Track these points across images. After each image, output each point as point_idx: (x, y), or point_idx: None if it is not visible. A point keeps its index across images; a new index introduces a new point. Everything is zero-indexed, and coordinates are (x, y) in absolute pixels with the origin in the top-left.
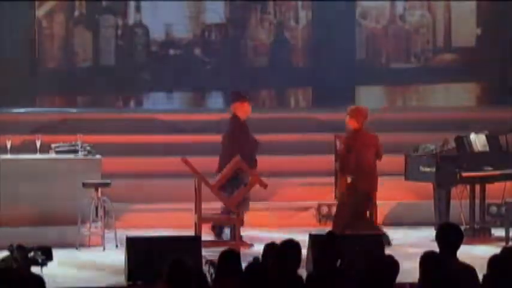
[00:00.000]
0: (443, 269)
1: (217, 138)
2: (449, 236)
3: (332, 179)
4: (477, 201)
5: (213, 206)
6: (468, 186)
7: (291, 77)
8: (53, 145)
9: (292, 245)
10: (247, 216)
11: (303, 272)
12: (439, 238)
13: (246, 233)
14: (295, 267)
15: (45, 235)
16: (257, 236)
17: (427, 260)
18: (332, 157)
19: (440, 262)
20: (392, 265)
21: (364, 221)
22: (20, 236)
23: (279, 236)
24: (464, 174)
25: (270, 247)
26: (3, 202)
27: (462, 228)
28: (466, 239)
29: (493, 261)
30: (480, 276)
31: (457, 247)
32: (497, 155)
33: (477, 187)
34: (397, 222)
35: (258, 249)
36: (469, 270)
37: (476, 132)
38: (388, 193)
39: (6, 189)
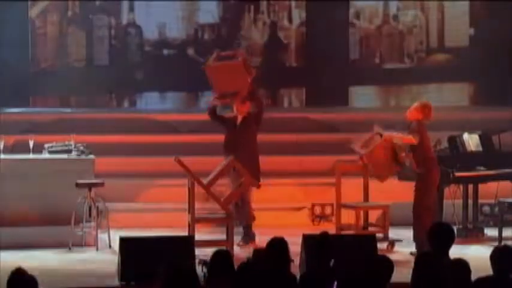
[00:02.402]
0: (435, 268)
1: (211, 138)
2: (441, 235)
3: (325, 179)
4: (470, 201)
5: (206, 206)
6: (461, 186)
7: (284, 77)
8: (46, 145)
9: (278, 242)
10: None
11: (296, 272)
12: (430, 238)
13: (239, 233)
14: (284, 265)
15: (37, 235)
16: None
17: (419, 259)
18: (325, 157)
19: (432, 261)
20: (387, 265)
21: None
22: (12, 236)
23: (272, 236)
24: (457, 174)
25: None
26: None
27: (455, 228)
28: (459, 238)
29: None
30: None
31: (449, 246)
32: (490, 155)
33: (470, 187)
34: (390, 223)
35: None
36: (461, 267)
37: (469, 132)
38: (381, 193)
39: None
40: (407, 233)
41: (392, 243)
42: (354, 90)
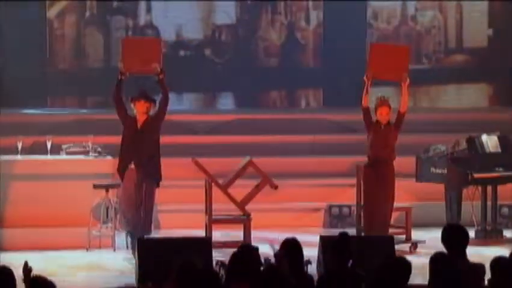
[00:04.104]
0: (452, 270)
1: (228, 139)
2: (454, 237)
3: (343, 180)
4: (489, 202)
5: (224, 207)
6: (480, 188)
7: (301, 77)
8: (63, 146)
9: (291, 243)
10: (257, 218)
11: (314, 274)
12: (444, 240)
13: (256, 234)
14: (299, 265)
15: (55, 236)
16: (267, 238)
17: (436, 261)
18: (342, 158)
19: (449, 263)
20: (404, 266)
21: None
22: (31, 238)
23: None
24: (476, 175)
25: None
26: (13, 203)
27: (474, 229)
28: (477, 240)
29: (497, 264)
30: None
31: (464, 247)
32: (508, 156)
33: (489, 188)
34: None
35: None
36: (478, 269)
37: (487, 133)
38: (398, 195)
39: (16, 190)
40: (429, 234)
41: (415, 244)
42: (371, 91)
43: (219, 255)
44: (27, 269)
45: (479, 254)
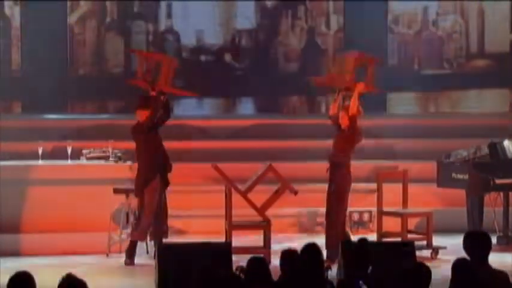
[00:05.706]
0: (474, 277)
1: (248, 144)
2: (476, 243)
3: (363, 186)
4: (511, 208)
5: (244, 212)
6: (502, 194)
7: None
8: (84, 151)
9: (311, 248)
10: (275, 224)
11: (333, 279)
12: (466, 246)
13: (275, 239)
14: (319, 270)
15: (75, 241)
16: (287, 243)
17: (458, 267)
18: (362, 163)
19: (471, 270)
20: (425, 272)
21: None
22: (51, 242)
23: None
24: (498, 181)
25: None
26: (34, 208)
27: (495, 235)
28: (499, 246)
29: None
30: None
31: (486, 254)
32: None
33: (511, 194)
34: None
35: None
36: (501, 276)
37: (509, 139)
38: (419, 200)
39: (37, 195)
40: (451, 240)
41: (436, 250)
42: (392, 97)
43: (239, 261)
44: None
45: (501, 260)
